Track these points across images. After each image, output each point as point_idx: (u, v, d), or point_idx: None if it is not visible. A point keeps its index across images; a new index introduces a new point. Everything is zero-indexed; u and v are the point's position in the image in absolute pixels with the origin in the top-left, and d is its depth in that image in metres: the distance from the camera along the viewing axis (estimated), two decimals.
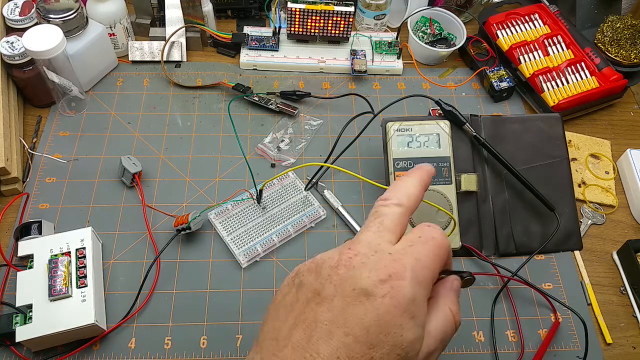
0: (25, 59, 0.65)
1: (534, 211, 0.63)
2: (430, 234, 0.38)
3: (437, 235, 0.38)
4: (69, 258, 0.53)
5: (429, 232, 0.38)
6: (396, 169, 0.61)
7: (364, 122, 0.65)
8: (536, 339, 0.57)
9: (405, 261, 0.35)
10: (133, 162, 0.63)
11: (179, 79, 0.76)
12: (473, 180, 0.62)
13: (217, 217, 0.61)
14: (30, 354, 0.52)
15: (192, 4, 0.75)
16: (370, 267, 0.35)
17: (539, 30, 0.79)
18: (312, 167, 0.65)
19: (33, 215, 0.62)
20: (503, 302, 0.59)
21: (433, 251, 0.37)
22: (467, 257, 0.62)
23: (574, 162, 0.70)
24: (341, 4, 0.75)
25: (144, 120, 0.71)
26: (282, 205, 0.63)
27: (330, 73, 0.79)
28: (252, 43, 0.78)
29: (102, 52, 0.73)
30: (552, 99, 0.72)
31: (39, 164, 0.66)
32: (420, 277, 0.35)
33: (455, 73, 0.80)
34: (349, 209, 0.64)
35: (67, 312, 0.50)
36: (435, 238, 0.37)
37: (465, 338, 0.56)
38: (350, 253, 0.36)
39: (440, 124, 0.63)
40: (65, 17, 0.65)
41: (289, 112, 0.72)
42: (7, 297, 0.55)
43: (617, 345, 0.57)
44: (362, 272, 0.34)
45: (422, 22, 0.83)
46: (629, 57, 0.76)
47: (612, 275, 0.62)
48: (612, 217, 0.67)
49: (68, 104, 0.71)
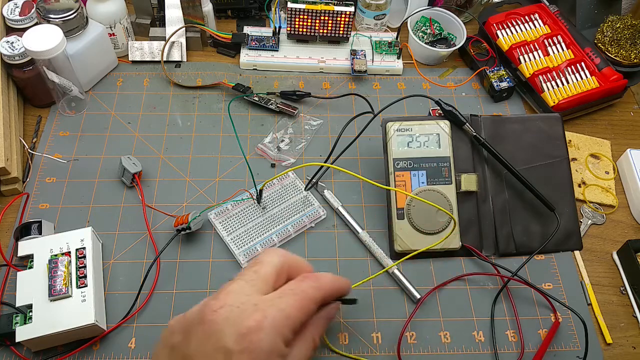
0: (25, 59, 0.66)
1: (534, 211, 0.63)
2: (302, 287, 0.40)
3: (309, 288, 0.40)
4: (69, 258, 0.53)
5: (302, 286, 0.40)
6: (396, 169, 0.61)
7: (364, 122, 0.65)
8: (536, 339, 0.57)
9: (267, 312, 0.37)
10: (133, 162, 0.63)
11: (179, 79, 0.76)
12: (473, 180, 0.62)
13: (217, 217, 0.61)
14: (30, 354, 0.52)
15: (192, 4, 0.75)
16: (232, 321, 0.36)
17: (539, 30, 0.79)
18: (312, 167, 0.65)
19: (33, 215, 0.62)
20: (503, 302, 0.59)
21: (300, 303, 0.39)
22: (467, 257, 0.62)
23: (574, 162, 0.70)
24: (341, 4, 0.75)
25: (144, 120, 0.71)
26: (282, 205, 0.63)
27: (330, 73, 0.79)
28: (252, 43, 0.78)
29: (102, 52, 0.73)
30: (552, 99, 0.72)
31: (39, 164, 0.66)
32: (280, 326, 0.37)
33: (455, 73, 0.80)
34: (349, 209, 0.64)
35: (67, 312, 0.50)
36: (305, 291, 0.40)
37: (465, 338, 0.56)
38: (215, 305, 0.37)
39: (440, 124, 0.63)
40: (65, 17, 0.65)
41: (289, 112, 0.72)
42: (7, 297, 0.55)
43: (617, 345, 0.57)
44: (224, 328, 0.36)
45: (422, 22, 0.83)
46: (629, 57, 0.76)
47: (612, 275, 0.62)
48: (612, 217, 0.67)
49: (68, 104, 0.71)
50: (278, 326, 0.37)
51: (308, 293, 0.40)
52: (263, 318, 0.36)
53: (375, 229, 0.63)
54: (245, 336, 0.35)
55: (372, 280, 0.59)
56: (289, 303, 0.38)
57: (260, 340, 0.35)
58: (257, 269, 0.40)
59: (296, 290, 0.39)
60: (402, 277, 0.59)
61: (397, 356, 0.54)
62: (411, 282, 0.59)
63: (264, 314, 0.36)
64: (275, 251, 0.43)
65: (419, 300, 0.58)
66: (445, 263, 0.61)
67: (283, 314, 0.37)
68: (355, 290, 0.57)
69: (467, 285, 0.60)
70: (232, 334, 0.35)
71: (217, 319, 0.36)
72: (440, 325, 0.57)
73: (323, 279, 0.42)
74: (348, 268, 0.60)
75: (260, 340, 0.35)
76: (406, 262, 0.59)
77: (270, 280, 0.40)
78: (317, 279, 0.41)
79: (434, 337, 0.56)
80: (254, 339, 0.35)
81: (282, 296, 0.39)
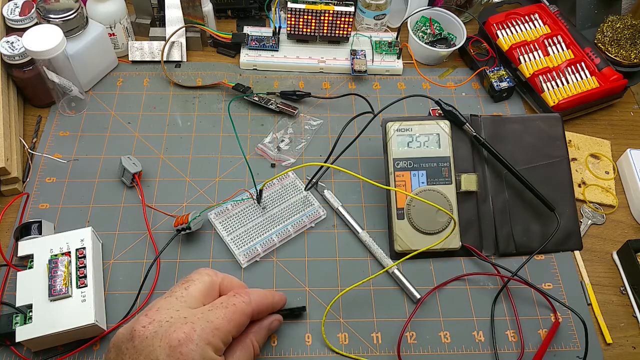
0: (25, 59, 0.66)
1: (534, 211, 0.63)
2: (232, 301, 0.42)
3: (238, 302, 0.42)
4: (69, 258, 0.53)
5: (232, 300, 0.42)
6: (396, 169, 0.61)
7: (364, 122, 0.65)
8: (536, 339, 0.57)
9: (197, 324, 0.39)
10: (133, 162, 0.63)
11: (179, 79, 0.76)
12: (473, 180, 0.62)
13: (217, 217, 0.61)
14: (30, 354, 0.52)
15: (192, 4, 0.75)
16: (162, 334, 0.37)
17: (539, 30, 0.79)
18: (312, 167, 0.65)
19: (33, 215, 0.62)
20: (503, 302, 0.59)
21: (229, 315, 0.41)
22: (467, 257, 0.62)
23: (574, 162, 0.70)
24: (341, 4, 0.75)
25: (144, 120, 0.71)
26: (282, 205, 0.63)
27: (330, 73, 0.79)
28: (252, 43, 0.78)
29: (102, 52, 0.73)
30: (552, 99, 0.72)
31: (39, 164, 0.66)
32: (210, 337, 0.38)
33: (455, 73, 0.80)
34: (349, 209, 0.64)
35: (67, 312, 0.50)
36: (235, 305, 0.42)
37: (465, 338, 0.56)
38: (145, 321, 0.38)
39: (440, 124, 0.63)
40: (65, 17, 0.65)
41: (289, 112, 0.72)
42: (7, 297, 0.55)
43: (617, 345, 0.57)
44: (154, 342, 0.37)
45: (422, 22, 0.83)
46: (629, 57, 0.76)
47: (612, 275, 0.62)
48: (612, 217, 0.67)
49: (68, 104, 0.71)
50: (207, 337, 0.38)
51: (237, 307, 0.42)
52: (192, 331, 0.38)
53: (375, 229, 0.63)
54: (175, 349, 0.37)
55: (372, 280, 0.59)
56: (218, 315, 0.40)
57: (190, 352, 0.37)
58: (187, 286, 0.42)
59: (226, 303, 0.42)
60: (402, 277, 0.59)
61: (397, 356, 0.54)
62: (411, 282, 0.59)
63: (193, 327, 0.38)
64: (205, 270, 0.45)
65: (419, 300, 0.58)
66: (445, 263, 0.61)
67: (212, 325, 0.39)
68: (356, 290, 0.57)
69: (467, 285, 0.60)
70: (162, 347, 0.37)
71: (146, 333, 0.37)
72: (440, 325, 0.57)
73: (253, 295, 0.44)
74: (348, 268, 0.60)
75: (191, 352, 0.37)
76: (406, 262, 0.59)
77: (199, 296, 0.42)
78: (247, 294, 0.44)
79: (434, 337, 0.56)
80: (184, 351, 0.37)
81: (212, 309, 0.41)
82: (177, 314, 0.39)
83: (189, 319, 0.39)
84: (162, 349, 0.37)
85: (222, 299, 0.42)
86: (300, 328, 0.56)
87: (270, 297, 0.47)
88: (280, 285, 0.59)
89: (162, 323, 0.38)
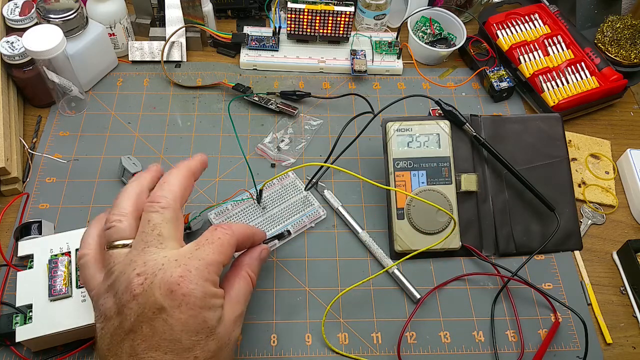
0: (25, 59, 0.66)
1: (534, 211, 0.63)
2: (216, 235, 0.43)
3: (222, 235, 0.43)
4: (69, 258, 0.53)
5: (215, 234, 0.43)
6: (396, 169, 0.61)
7: (364, 122, 0.65)
8: (536, 339, 0.57)
9: (190, 265, 0.40)
10: (133, 162, 0.63)
11: (179, 79, 0.76)
12: (473, 180, 0.62)
13: (217, 217, 0.61)
14: (30, 354, 0.52)
15: (192, 4, 0.75)
16: (159, 283, 0.39)
17: (539, 30, 0.79)
18: (312, 167, 0.65)
19: (33, 215, 0.62)
20: (503, 302, 0.59)
21: (217, 249, 0.42)
22: (467, 257, 0.62)
23: (574, 162, 0.70)
24: (341, 4, 0.75)
25: (144, 120, 0.71)
26: (282, 205, 0.63)
27: (330, 73, 0.79)
28: (252, 43, 0.78)
29: (102, 52, 0.73)
30: (552, 99, 0.72)
31: (39, 164, 0.66)
32: (206, 273, 0.40)
33: (455, 73, 0.80)
34: (349, 209, 0.64)
35: (67, 312, 0.50)
36: (221, 239, 0.43)
37: (465, 338, 0.56)
38: (139, 280, 0.39)
39: (440, 124, 0.63)
40: (65, 17, 0.65)
41: (289, 112, 0.72)
42: (7, 297, 0.55)
43: (617, 345, 0.57)
44: (155, 292, 0.38)
45: (422, 22, 0.83)
46: (629, 57, 0.76)
47: (612, 275, 0.62)
48: (612, 217, 0.67)
49: (68, 104, 0.71)
50: (203, 273, 0.40)
51: (222, 239, 0.43)
52: (187, 271, 0.39)
53: (375, 229, 0.63)
54: (176, 292, 0.38)
55: (372, 280, 0.59)
56: (207, 252, 0.41)
57: (192, 291, 0.39)
58: (159, 232, 0.42)
59: (211, 239, 0.43)
60: (402, 277, 0.59)
61: (397, 356, 0.54)
62: (411, 282, 0.59)
63: (187, 267, 0.40)
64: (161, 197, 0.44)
65: (419, 300, 0.58)
66: (445, 263, 0.61)
67: (204, 262, 0.41)
68: (356, 290, 0.57)
69: (467, 285, 0.60)
70: (164, 295, 0.38)
71: (145, 288, 0.39)
72: (440, 325, 0.57)
73: (234, 226, 0.45)
74: (348, 268, 0.60)
75: (192, 291, 0.39)
76: (406, 262, 0.59)
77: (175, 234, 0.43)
78: (229, 226, 0.45)
79: (434, 337, 0.56)
80: (185, 291, 0.38)
81: (199, 247, 0.42)
82: (166, 260, 0.40)
83: (180, 261, 0.40)
84: (164, 296, 0.38)
85: (206, 236, 0.43)
86: (300, 328, 0.56)
87: (251, 228, 0.48)
88: (280, 285, 0.59)
89: (156, 272, 0.39)
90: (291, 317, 0.56)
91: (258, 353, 0.54)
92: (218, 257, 0.42)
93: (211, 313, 0.40)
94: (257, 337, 0.55)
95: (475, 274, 0.60)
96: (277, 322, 0.56)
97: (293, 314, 0.57)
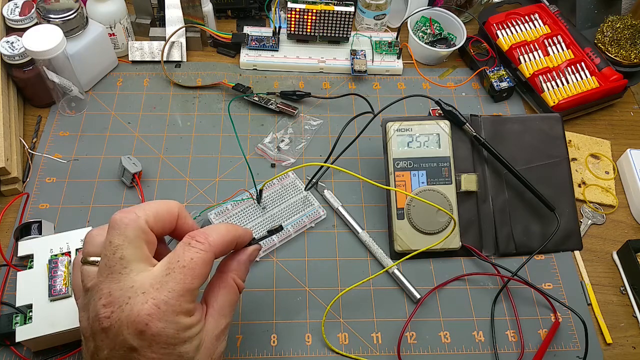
0: (25, 59, 0.66)
1: (534, 211, 0.63)
2: (188, 255, 0.38)
3: (195, 254, 0.38)
4: (69, 258, 0.53)
5: (188, 254, 0.38)
6: (396, 169, 0.61)
7: (364, 122, 0.65)
8: (536, 339, 0.57)
9: (159, 299, 0.36)
10: (133, 162, 0.63)
11: (179, 79, 0.76)
12: (473, 180, 0.62)
13: (217, 217, 0.61)
14: (30, 354, 0.52)
15: (192, 4, 0.75)
16: (126, 321, 0.35)
17: (539, 30, 0.79)
18: (312, 167, 0.65)
19: (33, 215, 0.62)
20: (503, 302, 0.59)
21: (190, 274, 0.37)
22: (467, 257, 0.62)
23: (574, 162, 0.70)
24: (341, 4, 0.75)
25: (144, 120, 0.71)
26: (282, 205, 0.63)
27: (330, 73, 0.79)
28: (252, 43, 0.78)
29: (102, 52, 0.73)
30: (552, 99, 0.72)
31: (39, 164, 0.66)
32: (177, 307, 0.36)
33: (455, 73, 0.80)
34: (349, 209, 0.64)
35: (67, 312, 0.50)
36: (194, 259, 0.37)
37: (465, 338, 0.56)
38: (106, 312, 0.36)
39: (440, 124, 0.63)
40: (65, 17, 0.65)
41: (289, 112, 0.72)
42: (7, 297, 0.55)
43: (617, 345, 0.57)
44: (122, 330, 0.35)
45: (422, 22, 0.83)
46: (629, 57, 0.76)
47: (612, 275, 0.62)
48: (612, 217, 0.67)
49: (68, 104, 0.71)
50: (174, 307, 0.36)
51: (196, 260, 0.37)
52: (155, 308, 0.35)
53: (375, 229, 0.63)
54: (145, 333, 0.35)
55: (372, 280, 0.59)
56: (177, 279, 0.36)
57: (161, 330, 0.35)
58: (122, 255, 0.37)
59: (182, 262, 0.37)
60: (402, 277, 0.59)
61: (397, 356, 0.54)
62: (411, 282, 0.59)
63: (155, 302, 0.35)
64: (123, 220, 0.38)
65: (419, 300, 0.58)
66: (445, 263, 0.61)
67: (175, 294, 0.36)
68: (356, 290, 0.57)
69: (467, 285, 0.60)
70: (132, 334, 0.35)
71: (112, 323, 0.35)
72: (440, 325, 0.57)
73: (211, 235, 0.39)
74: (348, 268, 0.60)
75: (162, 330, 0.35)
76: (406, 262, 0.59)
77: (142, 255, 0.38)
78: (206, 238, 0.39)
79: (434, 337, 0.56)
80: (155, 331, 0.35)
81: (170, 273, 0.37)
82: (132, 291, 0.36)
83: (147, 294, 0.36)
84: (133, 336, 0.35)
85: (178, 254, 0.38)
86: (300, 328, 0.56)
87: (233, 232, 0.42)
88: (280, 285, 0.59)
89: (123, 307, 0.35)
90: (291, 317, 0.56)
91: (258, 353, 0.54)
92: (190, 284, 0.37)
93: (186, 346, 0.37)
94: (257, 337, 0.55)
95: (475, 274, 0.60)
96: (277, 322, 0.56)
97: (293, 314, 0.57)
